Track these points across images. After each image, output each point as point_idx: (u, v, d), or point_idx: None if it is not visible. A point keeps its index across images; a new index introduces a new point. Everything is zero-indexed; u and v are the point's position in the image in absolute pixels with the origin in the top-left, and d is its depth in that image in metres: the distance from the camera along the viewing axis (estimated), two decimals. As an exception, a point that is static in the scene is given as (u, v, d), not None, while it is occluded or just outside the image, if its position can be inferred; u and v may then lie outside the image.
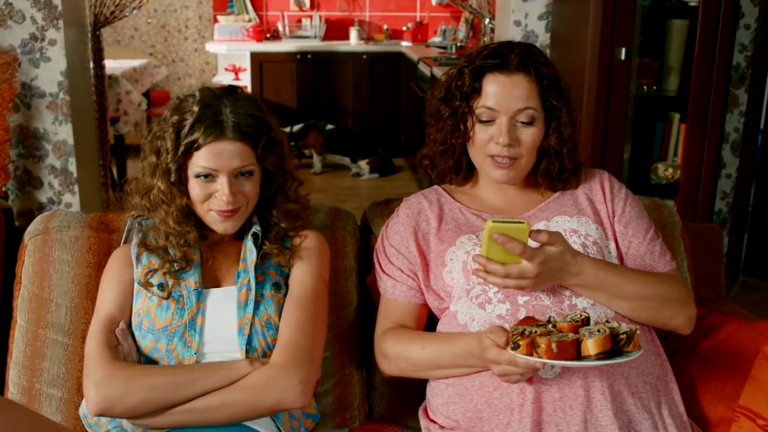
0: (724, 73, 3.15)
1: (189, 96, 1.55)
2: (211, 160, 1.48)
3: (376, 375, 1.75)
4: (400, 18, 6.92)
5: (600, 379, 1.41)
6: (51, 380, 1.69)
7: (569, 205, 1.63)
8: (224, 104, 1.50)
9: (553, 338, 1.28)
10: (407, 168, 6.25)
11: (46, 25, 3.35)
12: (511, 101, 1.54)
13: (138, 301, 1.57)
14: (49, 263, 1.73)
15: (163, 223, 1.55)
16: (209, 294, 1.56)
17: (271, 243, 1.60)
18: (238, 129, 1.49)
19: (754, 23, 3.64)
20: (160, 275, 1.55)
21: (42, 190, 3.54)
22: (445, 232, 1.61)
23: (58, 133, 3.47)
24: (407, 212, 1.67)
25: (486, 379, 1.46)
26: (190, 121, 1.49)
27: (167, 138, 1.51)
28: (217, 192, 1.50)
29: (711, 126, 3.18)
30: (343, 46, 6.60)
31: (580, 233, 1.56)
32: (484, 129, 1.57)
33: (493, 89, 1.55)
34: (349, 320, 1.77)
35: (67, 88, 3.42)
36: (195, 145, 1.48)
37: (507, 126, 1.54)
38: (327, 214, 1.83)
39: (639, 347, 1.31)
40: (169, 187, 1.53)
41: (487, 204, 1.66)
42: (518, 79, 1.54)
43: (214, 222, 1.55)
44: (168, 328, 1.53)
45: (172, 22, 7.03)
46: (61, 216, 1.79)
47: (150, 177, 1.56)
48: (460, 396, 1.50)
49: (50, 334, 1.71)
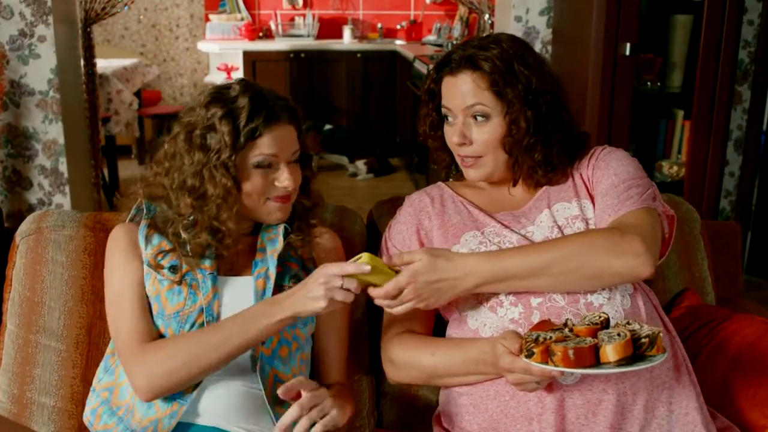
0: (729, 69, 3.09)
1: (224, 88, 1.49)
2: (273, 146, 1.46)
3: (386, 381, 1.67)
4: (394, 16, 6.86)
5: (624, 381, 1.35)
6: (43, 388, 1.61)
7: (568, 189, 1.56)
8: (264, 92, 1.48)
9: (569, 344, 1.21)
10: (403, 168, 6.19)
11: (35, 21, 3.26)
12: (458, 99, 1.51)
13: (147, 284, 1.49)
14: (42, 264, 1.65)
15: (218, 222, 1.45)
16: (226, 282, 1.50)
17: (296, 234, 1.55)
18: (290, 113, 1.49)
19: (757, 19, 3.59)
20: (172, 257, 1.48)
21: (32, 191, 3.45)
22: (449, 228, 1.56)
23: (48, 133, 3.38)
24: (409, 210, 1.63)
25: (501, 387, 1.39)
26: (246, 108, 1.44)
27: (220, 130, 1.43)
28: (276, 179, 1.47)
29: (716, 123, 3.13)
30: (337, 44, 6.54)
31: (583, 217, 1.50)
32: (448, 129, 1.56)
33: (445, 90, 1.55)
34: (358, 324, 1.70)
35: (57, 86, 3.32)
36: (257, 132, 1.44)
37: (460, 125, 1.52)
38: (333, 213, 1.77)
39: (663, 350, 1.24)
40: (233, 183, 1.44)
41: (492, 201, 1.60)
42: (463, 76, 1.51)
43: (271, 212, 1.50)
44: (180, 313, 1.45)
45: (163, 21, 6.94)
46: (54, 215, 1.71)
47: (192, 177, 1.45)
48: (474, 406, 1.44)
49: (42, 340, 1.62)
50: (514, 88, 1.48)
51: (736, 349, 1.57)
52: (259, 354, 1.45)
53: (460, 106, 1.51)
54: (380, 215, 1.80)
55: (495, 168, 1.54)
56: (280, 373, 1.47)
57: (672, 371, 1.42)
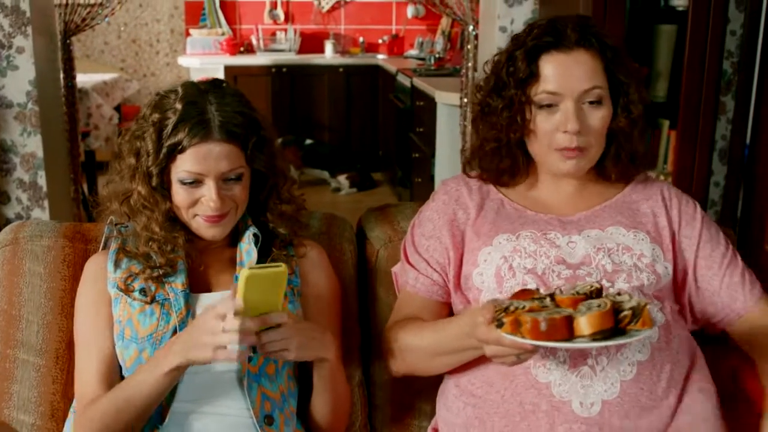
0: (714, 79, 3.10)
1: (170, 92, 1.42)
2: (197, 164, 1.36)
3: (379, 393, 1.62)
4: (376, 31, 6.85)
5: (642, 417, 1.29)
6: (21, 405, 1.55)
7: (627, 214, 1.46)
8: (209, 101, 1.38)
9: (542, 315, 1.10)
10: (386, 182, 6.16)
11: (13, 31, 3.19)
12: (576, 81, 1.36)
13: (117, 308, 1.43)
14: (19, 276, 1.58)
15: (145, 229, 1.42)
16: (199, 299, 1.43)
17: (278, 249, 1.48)
18: (225, 129, 1.36)
19: (740, 29, 3.59)
20: (141, 280, 1.42)
21: (9, 206, 3.37)
22: (482, 225, 1.45)
23: (26, 145, 3.30)
24: (444, 198, 1.51)
25: (512, 407, 1.33)
26: (173, 120, 1.36)
27: (148, 139, 1.38)
28: (203, 197, 1.38)
29: (702, 133, 3.13)
30: (319, 59, 6.51)
31: (633, 252, 1.40)
32: (546, 117, 1.39)
33: (553, 70, 1.37)
34: (349, 334, 1.64)
35: (36, 98, 3.25)
36: (179, 147, 1.35)
37: (574, 110, 1.36)
38: (321, 221, 1.72)
39: (650, 325, 1.12)
40: (151, 192, 1.39)
41: (539, 202, 1.49)
42: (580, 55, 1.37)
43: (201, 228, 1.42)
44: (153, 335, 1.39)
45: (143, 36, 6.89)
46: (32, 225, 1.65)
47: (129, 181, 1.42)
48: (480, 420, 1.37)
49: (20, 354, 1.56)
50: (625, 68, 1.39)
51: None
52: (245, 372, 1.39)
53: (577, 89, 1.36)
54: (369, 223, 1.75)
55: (595, 158, 1.43)
56: (267, 390, 1.42)
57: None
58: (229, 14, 6.67)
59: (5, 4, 3.15)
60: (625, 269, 1.37)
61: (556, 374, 1.29)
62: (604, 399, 1.28)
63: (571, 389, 1.28)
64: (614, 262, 1.39)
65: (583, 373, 1.29)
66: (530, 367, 1.31)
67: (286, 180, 1.51)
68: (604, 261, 1.38)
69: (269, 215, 1.49)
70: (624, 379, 1.29)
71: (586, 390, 1.28)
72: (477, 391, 1.37)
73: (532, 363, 1.30)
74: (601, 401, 1.27)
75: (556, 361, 1.29)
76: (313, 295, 1.52)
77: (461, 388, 1.41)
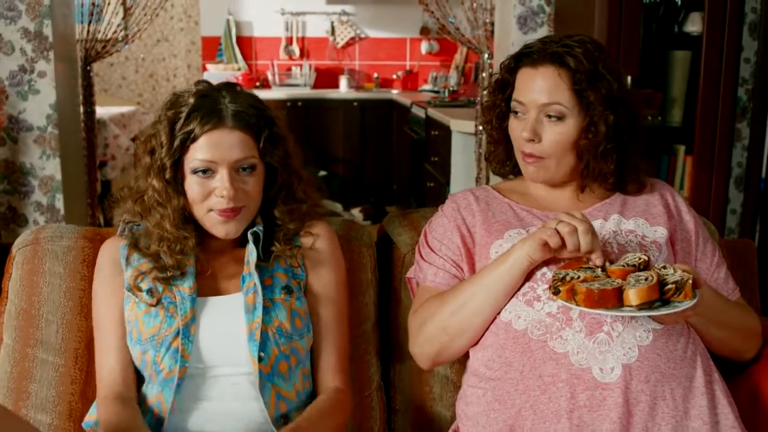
0: (729, 106, 3.11)
1: (185, 91, 1.44)
2: (210, 152, 1.37)
3: (398, 397, 1.60)
4: (390, 66, 6.92)
5: (663, 383, 1.29)
6: (39, 404, 1.54)
7: (627, 206, 1.53)
8: (223, 95, 1.41)
9: (595, 285, 1.22)
10: (399, 215, 6.15)
11: (35, 56, 3.25)
12: (537, 94, 1.45)
13: (127, 307, 1.43)
14: (39, 276, 1.58)
15: (158, 227, 1.42)
16: (206, 302, 1.42)
17: (281, 244, 1.47)
18: (238, 117, 1.38)
19: (754, 56, 3.61)
20: (150, 280, 1.42)
21: (26, 228, 3.39)
22: (492, 224, 1.51)
23: (45, 168, 3.34)
24: (453, 206, 1.58)
25: (531, 381, 1.33)
26: (185, 111, 1.38)
27: (162, 132, 1.40)
28: (216, 189, 1.38)
29: (718, 159, 3.12)
30: (334, 93, 6.57)
31: (636, 233, 1.46)
32: (516, 123, 1.50)
33: (521, 82, 1.49)
34: (367, 338, 1.64)
35: (56, 122, 3.30)
36: (192, 135, 1.37)
37: (532, 120, 1.45)
38: (340, 226, 1.71)
39: (691, 297, 1.22)
40: (165, 186, 1.40)
41: (539, 202, 1.55)
42: (545, 71, 1.45)
43: (215, 224, 1.42)
44: (156, 337, 1.39)
45: (161, 71, 6.98)
46: (53, 227, 1.65)
47: (144, 179, 1.43)
48: (500, 401, 1.36)
49: (39, 354, 1.56)
50: (597, 91, 1.43)
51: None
52: (257, 372, 1.38)
53: (536, 102, 1.45)
54: (396, 228, 1.75)
55: (556, 172, 1.49)
56: (282, 390, 1.41)
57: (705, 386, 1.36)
58: (246, 50, 6.76)
59: (28, 30, 3.22)
60: (630, 249, 1.43)
61: (572, 344, 1.32)
62: (624, 363, 1.29)
63: (590, 356, 1.30)
64: (619, 243, 1.45)
65: (600, 340, 1.31)
66: (547, 341, 1.33)
67: (301, 180, 1.52)
68: (612, 243, 1.45)
69: (277, 212, 1.49)
70: (641, 344, 1.31)
71: (605, 355, 1.30)
72: (495, 374, 1.38)
73: (549, 336, 1.33)
74: (621, 365, 1.29)
75: (572, 331, 1.32)
76: (319, 289, 1.50)
77: (480, 376, 1.41)
